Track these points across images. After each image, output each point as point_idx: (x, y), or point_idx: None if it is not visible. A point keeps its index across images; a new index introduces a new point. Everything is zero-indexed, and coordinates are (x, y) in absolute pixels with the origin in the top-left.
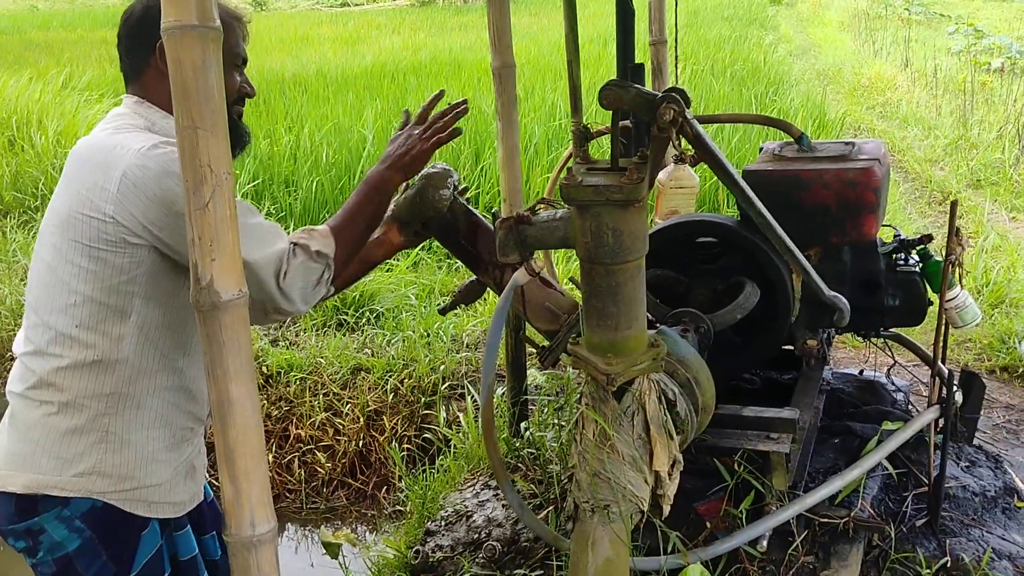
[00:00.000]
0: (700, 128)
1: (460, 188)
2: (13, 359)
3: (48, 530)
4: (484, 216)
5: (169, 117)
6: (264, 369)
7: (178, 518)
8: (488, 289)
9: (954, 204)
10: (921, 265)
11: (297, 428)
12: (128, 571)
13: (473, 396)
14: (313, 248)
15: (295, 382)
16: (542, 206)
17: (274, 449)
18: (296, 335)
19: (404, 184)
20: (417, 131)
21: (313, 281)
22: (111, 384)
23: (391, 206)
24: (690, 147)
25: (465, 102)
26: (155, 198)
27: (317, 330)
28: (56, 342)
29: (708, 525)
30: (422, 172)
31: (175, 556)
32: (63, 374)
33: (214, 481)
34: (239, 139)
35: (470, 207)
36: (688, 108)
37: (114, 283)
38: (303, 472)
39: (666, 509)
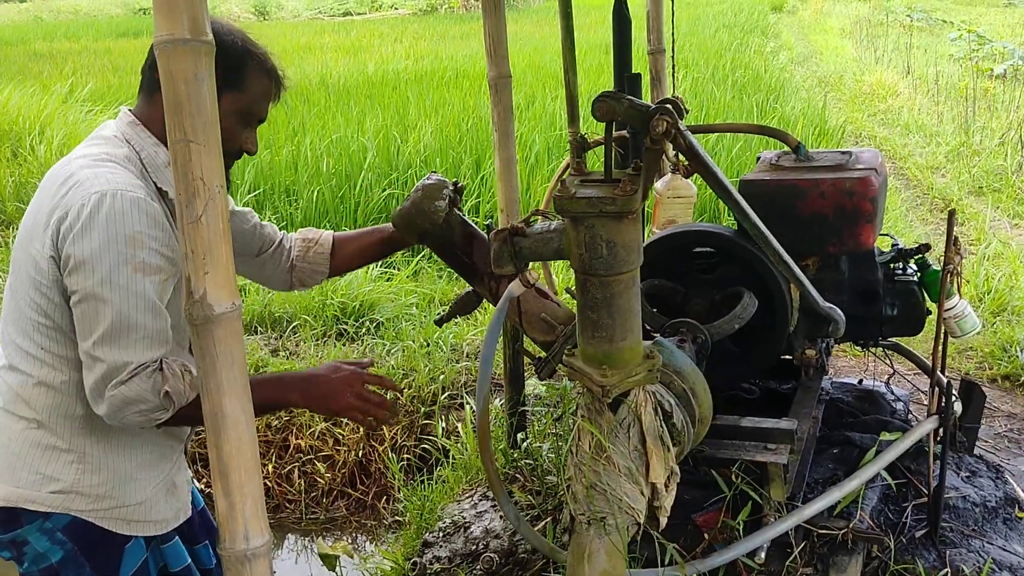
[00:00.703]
0: (694, 139)
1: (458, 187)
2: None
3: (31, 542)
4: (480, 227)
5: (160, 146)
6: None
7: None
8: (485, 300)
9: (951, 213)
10: (919, 274)
11: (297, 438)
12: None
13: (472, 406)
14: (165, 388)
15: None
16: (537, 217)
17: (274, 459)
18: (296, 345)
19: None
20: (359, 391)
21: (139, 410)
22: (82, 406)
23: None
24: (685, 158)
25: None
26: (77, 255)
27: (317, 340)
28: (24, 360)
29: (706, 537)
30: (418, 184)
31: (164, 568)
32: (34, 391)
33: (203, 487)
34: None
35: (465, 218)
36: (682, 119)
37: (58, 316)
38: (303, 482)
39: (663, 521)
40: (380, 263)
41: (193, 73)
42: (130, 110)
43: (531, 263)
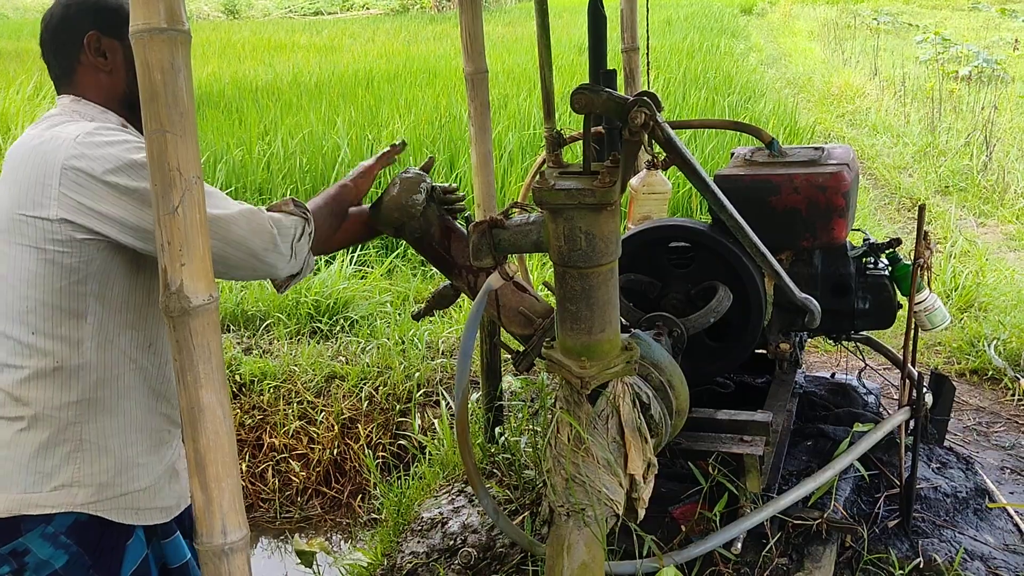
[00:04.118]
0: (671, 132)
1: (450, 188)
2: None
3: (33, 550)
4: (457, 221)
5: (107, 112)
6: (237, 378)
7: (165, 525)
8: (462, 294)
9: (922, 208)
10: (890, 269)
11: (271, 437)
12: None
13: (448, 403)
14: (285, 210)
15: (269, 390)
16: (515, 210)
17: (247, 458)
18: (270, 343)
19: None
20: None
21: (297, 234)
22: (77, 391)
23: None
24: (662, 151)
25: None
26: (102, 185)
27: (291, 338)
28: (15, 353)
29: (683, 528)
30: (395, 177)
31: (164, 564)
32: (26, 386)
33: None
34: None
35: (443, 212)
36: (660, 112)
37: (65, 284)
38: (277, 481)
39: (641, 512)
40: (354, 262)
41: (169, 63)
42: (65, 94)
43: (508, 257)
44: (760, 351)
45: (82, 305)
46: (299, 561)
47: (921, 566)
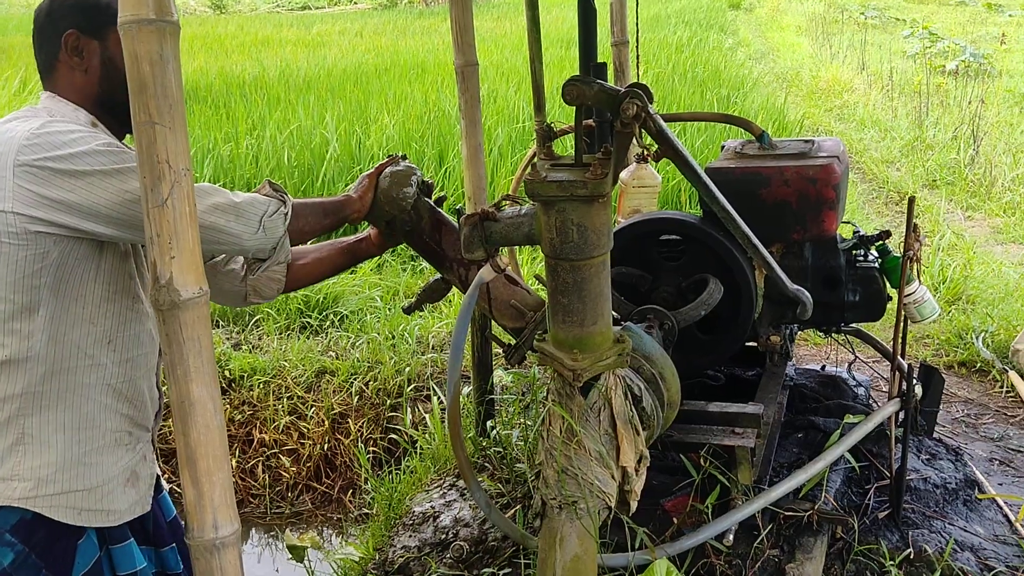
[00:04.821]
0: (663, 123)
1: (427, 184)
2: None
3: None
4: (448, 215)
5: (80, 110)
6: (227, 373)
7: (115, 530)
8: (453, 288)
9: (911, 200)
10: (880, 261)
11: (261, 432)
12: None
13: (439, 397)
14: (261, 194)
15: (258, 386)
16: (507, 202)
17: (237, 454)
18: (259, 338)
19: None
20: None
21: (269, 211)
22: (22, 383)
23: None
24: (653, 143)
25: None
26: (55, 173)
27: (280, 333)
28: None
29: (675, 521)
30: (386, 171)
31: (115, 572)
32: None
33: (176, 488)
34: None
35: (434, 205)
36: (651, 104)
37: (18, 278)
38: (267, 477)
39: (633, 505)
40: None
41: (158, 54)
42: (46, 89)
43: (499, 250)
44: (751, 343)
45: (35, 299)
46: (290, 556)
47: (911, 557)
